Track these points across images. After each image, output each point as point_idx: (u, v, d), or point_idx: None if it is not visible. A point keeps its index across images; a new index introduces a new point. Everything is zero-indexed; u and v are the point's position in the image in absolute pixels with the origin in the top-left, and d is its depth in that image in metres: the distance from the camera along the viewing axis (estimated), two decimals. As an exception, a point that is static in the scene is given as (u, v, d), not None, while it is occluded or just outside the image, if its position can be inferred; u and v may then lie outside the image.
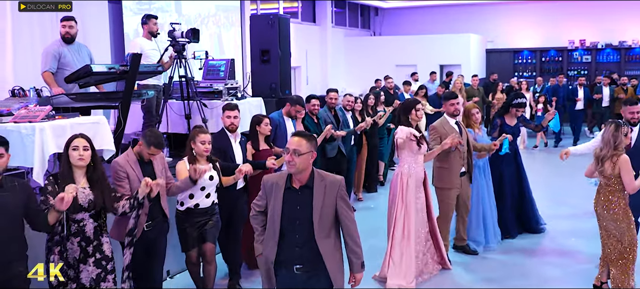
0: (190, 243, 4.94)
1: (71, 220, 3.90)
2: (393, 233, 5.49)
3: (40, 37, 8.92)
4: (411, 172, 5.43)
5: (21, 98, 5.34)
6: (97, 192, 3.96)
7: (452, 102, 5.96)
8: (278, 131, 6.43)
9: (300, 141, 3.46)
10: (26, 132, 4.64)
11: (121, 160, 4.49)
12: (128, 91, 5.75)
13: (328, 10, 18.53)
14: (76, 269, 3.94)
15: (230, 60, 7.55)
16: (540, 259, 6.31)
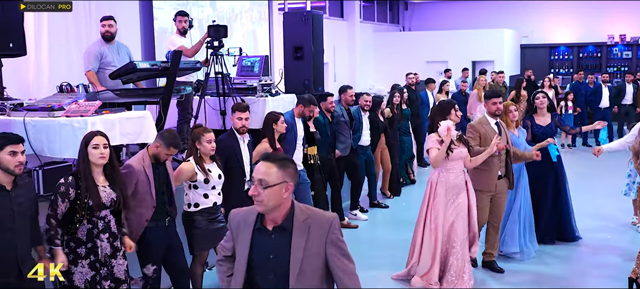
0: (207, 243, 5.09)
1: (96, 218, 4.16)
2: (422, 240, 5.60)
3: (75, 36, 9.49)
4: (441, 180, 5.48)
5: (69, 94, 5.82)
6: (117, 190, 4.23)
7: (494, 101, 5.85)
8: (289, 133, 6.49)
9: (268, 169, 2.70)
10: (79, 126, 5.09)
11: (135, 162, 4.61)
12: (169, 87, 6.21)
13: (356, 4, 18.91)
14: (108, 266, 4.24)
15: (264, 56, 7.98)
16: (576, 270, 6.42)
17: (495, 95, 5.93)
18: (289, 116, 6.67)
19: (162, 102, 6.17)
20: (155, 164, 4.64)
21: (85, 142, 4.17)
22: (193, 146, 5.01)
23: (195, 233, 5.07)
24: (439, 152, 5.36)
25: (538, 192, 6.74)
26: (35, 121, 5.34)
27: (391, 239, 7.31)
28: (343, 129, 7.78)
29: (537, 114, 6.73)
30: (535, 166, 6.52)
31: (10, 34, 6.06)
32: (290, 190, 2.74)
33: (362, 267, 6.27)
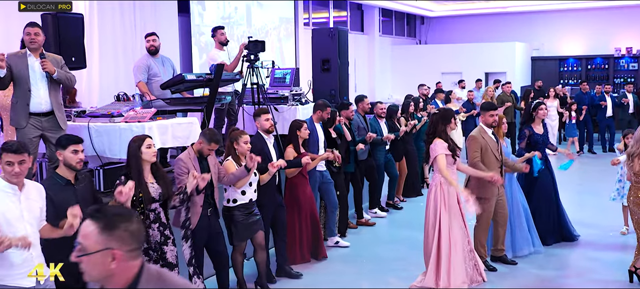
0: (246, 234, 5.57)
1: (148, 210, 4.61)
2: (439, 243, 5.63)
3: (122, 50, 10.04)
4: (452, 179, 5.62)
5: (126, 102, 6.32)
6: (163, 185, 4.67)
7: (491, 113, 6.09)
8: (310, 137, 6.81)
9: (88, 230, 2.05)
10: (137, 130, 5.56)
11: (184, 156, 5.10)
12: (212, 97, 6.68)
13: (375, 19, 19.34)
14: (159, 251, 4.69)
15: (295, 69, 8.46)
16: (578, 266, 6.66)
17: (492, 107, 6.18)
18: (309, 121, 7.09)
19: (206, 109, 6.64)
20: (199, 158, 5.13)
21: (138, 144, 4.62)
22: (231, 147, 5.50)
23: (234, 225, 5.54)
24: (449, 176, 5.56)
25: (538, 196, 6.97)
26: (98, 126, 5.84)
27: (406, 236, 7.68)
28: (362, 135, 8.12)
29: (534, 123, 6.91)
30: (529, 174, 6.77)
31: (72, 49, 6.57)
32: (119, 258, 2.02)
33: (381, 261, 6.70)
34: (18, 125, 5.43)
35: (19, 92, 5.39)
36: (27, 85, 5.35)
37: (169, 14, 11.15)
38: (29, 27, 5.42)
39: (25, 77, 5.34)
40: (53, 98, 5.47)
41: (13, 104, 5.48)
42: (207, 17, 12.03)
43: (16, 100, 5.42)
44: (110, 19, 9.91)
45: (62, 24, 6.48)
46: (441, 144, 5.61)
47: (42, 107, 5.42)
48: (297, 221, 6.53)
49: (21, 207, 3.76)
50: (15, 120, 5.45)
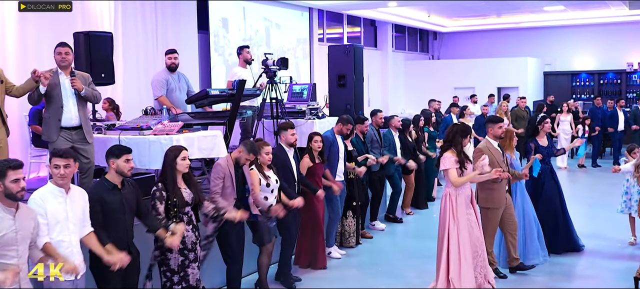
0: (269, 237, 5.99)
1: (182, 213, 4.99)
2: (448, 251, 5.82)
3: (144, 66, 10.49)
4: (459, 192, 5.84)
5: (153, 116, 6.72)
6: (194, 190, 5.11)
7: (500, 125, 6.41)
8: (331, 148, 7.22)
9: None
10: (165, 142, 5.93)
11: (222, 162, 5.56)
12: (234, 111, 7.07)
13: (389, 35, 19.76)
14: (194, 251, 5.08)
15: (312, 84, 8.83)
16: (585, 274, 6.90)
17: (499, 120, 6.51)
18: (329, 133, 7.44)
19: (229, 123, 7.03)
20: (235, 166, 5.54)
21: (174, 155, 5.02)
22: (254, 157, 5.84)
23: (259, 229, 5.95)
24: (463, 180, 5.85)
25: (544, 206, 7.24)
26: (128, 138, 6.21)
27: (411, 249, 8.01)
28: (375, 147, 8.47)
29: (539, 136, 7.28)
30: (538, 182, 7.15)
31: (102, 65, 7.00)
32: None
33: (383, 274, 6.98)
34: (49, 139, 5.82)
35: (52, 109, 5.78)
36: (59, 102, 5.75)
37: (189, 31, 11.63)
38: (60, 47, 5.83)
39: (58, 94, 5.74)
40: (81, 113, 5.87)
41: (46, 119, 5.87)
42: (231, 38, 12.83)
43: (49, 115, 5.82)
44: (134, 36, 10.38)
45: (94, 42, 6.91)
46: (450, 158, 5.86)
47: (73, 122, 5.82)
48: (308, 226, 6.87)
49: (67, 209, 4.18)
50: (47, 134, 5.85)
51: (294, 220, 6.50)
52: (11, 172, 3.75)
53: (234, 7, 13.14)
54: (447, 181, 5.97)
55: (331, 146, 7.23)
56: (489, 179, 6.05)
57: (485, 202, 6.32)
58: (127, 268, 4.62)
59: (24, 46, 8.56)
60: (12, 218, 3.79)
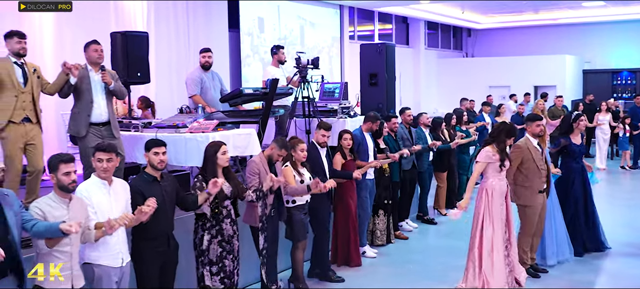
0: (303, 232, 6.26)
1: (221, 206, 5.32)
2: (481, 245, 6.10)
3: (176, 64, 10.87)
4: (495, 187, 6.09)
5: (189, 114, 7.05)
6: (233, 185, 5.42)
7: (538, 124, 6.59)
8: (360, 146, 7.56)
9: None
10: (201, 140, 6.25)
11: (256, 159, 5.85)
12: (267, 109, 7.36)
13: (421, 32, 19.89)
14: (231, 243, 5.40)
15: (344, 83, 9.09)
16: (611, 277, 7.00)
17: (538, 118, 6.71)
18: (358, 131, 7.70)
19: (262, 121, 7.32)
20: (269, 163, 5.82)
21: (215, 150, 5.34)
22: (289, 154, 6.14)
23: (294, 224, 6.24)
24: (471, 183, 6.26)
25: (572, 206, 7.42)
26: (164, 136, 6.46)
27: (442, 248, 8.23)
28: (406, 145, 8.60)
29: (573, 134, 7.42)
30: (565, 182, 7.34)
31: (138, 65, 7.36)
32: None
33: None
34: (78, 134, 6.12)
35: (81, 104, 6.07)
36: (89, 97, 6.05)
37: (220, 30, 11.99)
38: (95, 44, 6.13)
39: (88, 90, 6.04)
40: (110, 109, 6.21)
41: (74, 114, 6.14)
42: (267, 37, 13.33)
43: (78, 111, 6.10)
44: (166, 35, 10.77)
45: (130, 42, 7.26)
46: (487, 153, 6.15)
47: (102, 117, 6.14)
48: (342, 224, 7.14)
49: (110, 200, 4.53)
50: (75, 129, 6.13)
51: (326, 216, 6.78)
52: (63, 165, 4.10)
53: (269, 6, 13.57)
54: (484, 176, 6.23)
55: (360, 144, 7.49)
56: (523, 177, 6.39)
57: (518, 199, 6.57)
58: (165, 259, 4.99)
59: (60, 47, 9.00)
60: (65, 208, 4.14)
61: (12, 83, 5.66)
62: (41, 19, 8.73)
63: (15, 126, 5.69)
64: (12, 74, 5.67)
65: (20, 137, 5.71)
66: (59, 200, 4.14)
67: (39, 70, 5.98)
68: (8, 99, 5.65)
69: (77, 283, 4.23)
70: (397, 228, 8.65)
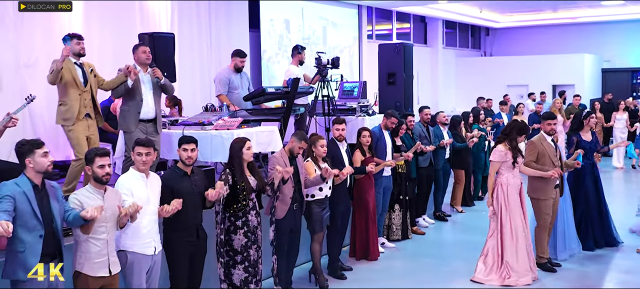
0: (321, 225, 6.59)
1: (248, 199, 5.65)
2: (501, 236, 6.47)
3: (198, 64, 11.25)
4: (510, 182, 6.47)
5: (214, 112, 7.40)
6: (258, 179, 5.75)
7: (549, 122, 6.92)
8: (379, 143, 7.89)
9: None
10: (226, 137, 6.61)
11: (277, 154, 6.16)
12: (289, 108, 7.70)
13: (439, 31, 20.11)
14: (255, 234, 5.72)
15: (362, 82, 9.40)
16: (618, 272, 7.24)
17: (551, 117, 7.03)
18: (377, 129, 8.04)
19: (283, 119, 7.67)
20: (290, 158, 6.15)
21: (240, 145, 5.66)
22: (310, 149, 6.50)
23: (312, 218, 6.56)
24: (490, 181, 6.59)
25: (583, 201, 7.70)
26: (190, 133, 6.83)
27: (458, 242, 8.54)
28: (424, 144, 8.85)
29: (583, 130, 7.74)
30: (580, 176, 7.61)
31: (165, 65, 7.69)
32: None
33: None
34: (127, 129, 6.58)
35: (132, 102, 6.53)
36: (140, 95, 6.51)
37: (240, 30, 12.35)
38: (143, 46, 6.66)
39: (139, 88, 6.50)
40: (157, 106, 6.67)
41: (124, 111, 6.60)
42: (292, 37, 13.92)
43: (128, 108, 6.56)
44: (189, 34, 11.12)
45: (157, 42, 7.62)
46: (500, 151, 6.50)
47: (150, 114, 6.61)
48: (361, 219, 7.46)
49: (148, 191, 4.91)
50: (125, 125, 6.59)
51: (346, 211, 7.11)
52: (98, 158, 4.45)
53: (294, 8, 14.18)
54: (498, 172, 6.56)
55: (378, 140, 7.81)
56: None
57: (532, 193, 6.91)
58: (194, 249, 5.34)
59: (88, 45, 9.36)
60: (101, 198, 4.49)
61: (75, 83, 6.09)
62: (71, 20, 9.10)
63: (79, 122, 6.15)
64: (75, 75, 6.09)
65: (84, 131, 6.17)
66: (94, 191, 4.50)
67: (95, 69, 6.41)
68: (73, 98, 6.09)
69: (113, 268, 4.60)
70: (414, 223, 8.94)
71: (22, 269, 4.12)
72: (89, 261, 4.46)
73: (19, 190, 4.11)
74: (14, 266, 4.14)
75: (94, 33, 9.46)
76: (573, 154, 7.51)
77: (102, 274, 4.51)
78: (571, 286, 6.71)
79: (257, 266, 5.79)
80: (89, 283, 4.46)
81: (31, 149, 4.21)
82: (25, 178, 4.21)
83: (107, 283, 4.56)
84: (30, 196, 4.14)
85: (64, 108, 6.13)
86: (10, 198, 4.04)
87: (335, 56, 8.82)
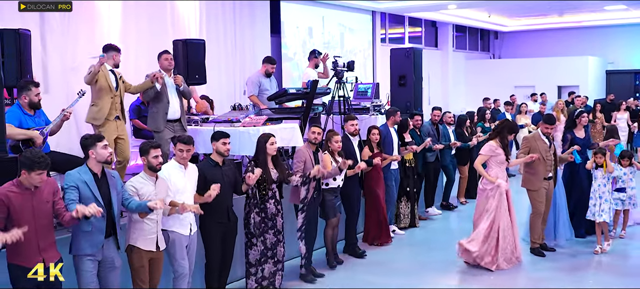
0: (334, 212, 7.17)
1: (268, 189, 6.22)
2: (490, 229, 6.99)
3: (224, 67, 11.89)
4: (498, 177, 6.99)
5: (241, 111, 8.03)
6: (279, 170, 6.32)
7: (547, 126, 7.42)
8: (385, 139, 8.35)
9: None
10: (253, 133, 7.22)
11: (303, 148, 6.89)
12: (308, 107, 8.30)
13: (449, 35, 20.62)
14: (273, 220, 6.29)
15: (375, 84, 10.00)
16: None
17: (550, 122, 7.48)
18: (384, 127, 8.61)
19: (303, 117, 8.28)
20: (314, 151, 6.76)
21: (265, 140, 6.25)
22: (326, 144, 7.11)
23: (326, 205, 7.15)
24: (480, 168, 7.17)
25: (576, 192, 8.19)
26: (221, 130, 7.48)
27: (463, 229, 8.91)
28: (432, 142, 9.42)
29: (577, 128, 8.25)
30: (571, 170, 8.14)
31: (196, 68, 8.32)
32: None
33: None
34: (157, 129, 7.17)
35: (160, 104, 7.12)
36: (166, 98, 7.11)
37: (262, 35, 13.00)
38: (167, 53, 7.24)
39: (165, 92, 7.11)
40: (181, 108, 7.25)
41: (153, 113, 7.21)
42: (315, 41, 14.82)
43: (156, 110, 7.16)
44: (215, 38, 11.74)
45: (190, 48, 8.25)
46: (490, 146, 7.08)
47: (175, 114, 7.19)
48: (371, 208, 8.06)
49: (185, 180, 5.54)
50: (155, 125, 7.18)
51: (356, 200, 7.72)
52: (152, 150, 5.12)
53: (315, 15, 15.12)
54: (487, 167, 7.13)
55: (385, 137, 8.39)
56: (530, 165, 7.34)
57: (525, 184, 7.51)
58: (225, 230, 5.96)
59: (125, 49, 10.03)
60: (153, 184, 5.16)
61: (109, 87, 6.66)
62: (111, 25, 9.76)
63: (110, 123, 6.67)
64: (109, 81, 6.67)
65: (113, 132, 6.69)
66: (147, 178, 5.16)
67: (123, 77, 6.99)
68: (106, 101, 6.64)
69: (160, 244, 5.27)
70: (421, 213, 9.52)
71: (89, 245, 4.75)
72: (141, 237, 5.14)
73: (81, 179, 4.73)
74: (82, 243, 4.76)
75: (130, 37, 10.11)
76: (567, 150, 8.02)
77: (151, 249, 5.17)
78: (558, 268, 7.22)
79: (275, 248, 6.33)
80: (141, 255, 5.14)
81: (94, 142, 4.81)
82: (86, 168, 4.81)
83: (154, 256, 5.23)
84: (91, 184, 4.75)
85: (96, 109, 6.64)
86: (74, 188, 4.66)
87: (351, 60, 9.42)
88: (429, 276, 7.07)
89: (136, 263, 5.15)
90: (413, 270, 7.33)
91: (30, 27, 7.29)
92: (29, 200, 4.39)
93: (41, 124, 5.94)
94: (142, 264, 5.15)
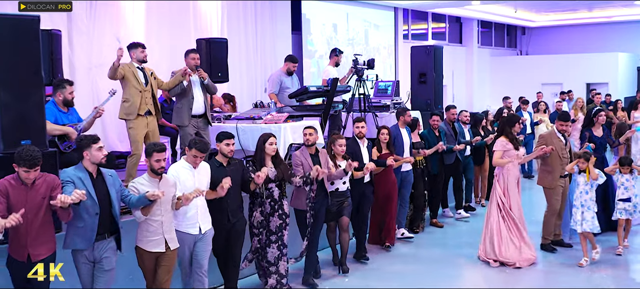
0: (330, 217, 7.22)
1: (266, 188, 6.39)
2: (499, 224, 7.34)
3: (245, 65, 12.41)
4: (510, 171, 7.26)
5: (263, 108, 8.52)
6: (279, 170, 6.36)
7: (562, 123, 7.66)
8: (396, 140, 8.29)
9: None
10: (275, 130, 7.66)
11: (299, 152, 6.77)
12: (329, 105, 8.77)
13: (474, 31, 20.89)
14: (268, 220, 6.38)
15: (396, 81, 10.42)
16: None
17: (565, 119, 7.75)
18: (394, 128, 8.66)
19: (324, 115, 8.74)
20: (313, 155, 6.90)
21: (263, 140, 6.42)
22: (329, 147, 7.27)
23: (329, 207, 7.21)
24: (501, 161, 7.40)
25: None
26: (244, 126, 8.00)
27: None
28: (449, 141, 9.60)
29: (595, 127, 8.55)
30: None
31: (219, 66, 8.82)
32: None
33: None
34: (182, 124, 7.66)
35: (185, 99, 7.62)
36: (191, 94, 7.61)
37: (284, 33, 13.50)
38: (193, 52, 7.73)
39: (190, 88, 7.62)
40: (205, 103, 7.75)
41: (178, 109, 7.70)
42: (340, 38, 15.39)
43: (181, 105, 7.66)
44: (237, 36, 12.25)
45: (213, 47, 8.76)
46: (501, 142, 7.46)
47: (200, 110, 7.69)
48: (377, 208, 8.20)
49: (194, 179, 5.67)
50: (180, 120, 7.66)
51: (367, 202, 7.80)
52: (156, 154, 5.23)
53: (340, 12, 15.59)
54: None
55: (395, 138, 8.49)
56: (546, 163, 7.65)
57: (541, 182, 7.82)
58: (231, 229, 6.13)
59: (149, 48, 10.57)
60: (156, 187, 5.23)
61: (137, 83, 7.13)
62: (134, 24, 10.32)
63: (140, 118, 7.15)
64: (137, 76, 7.15)
65: (144, 127, 7.16)
66: (150, 180, 5.34)
67: (154, 73, 7.48)
68: (134, 96, 7.10)
69: (172, 244, 5.47)
70: (435, 216, 9.60)
71: (82, 240, 4.88)
72: (146, 238, 5.29)
73: (76, 175, 4.83)
74: (75, 239, 4.90)
75: (153, 36, 10.65)
76: (583, 148, 8.35)
77: (158, 250, 5.32)
78: (567, 263, 7.51)
79: (265, 249, 6.45)
80: (144, 256, 5.34)
81: (89, 144, 4.90)
82: (81, 166, 4.91)
83: (165, 257, 5.37)
84: (86, 181, 4.83)
85: (127, 105, 7.11)
86: (71, 182, 4.74)
87: (371, 58, 9.85)
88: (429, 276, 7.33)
89: (141, 263, 5.36)
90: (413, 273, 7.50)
91: (60, 27, 7.87)
92: (23, 194, 4.58)
93: (74, 121, 6.49)
94: (147, 265, 5.35)
